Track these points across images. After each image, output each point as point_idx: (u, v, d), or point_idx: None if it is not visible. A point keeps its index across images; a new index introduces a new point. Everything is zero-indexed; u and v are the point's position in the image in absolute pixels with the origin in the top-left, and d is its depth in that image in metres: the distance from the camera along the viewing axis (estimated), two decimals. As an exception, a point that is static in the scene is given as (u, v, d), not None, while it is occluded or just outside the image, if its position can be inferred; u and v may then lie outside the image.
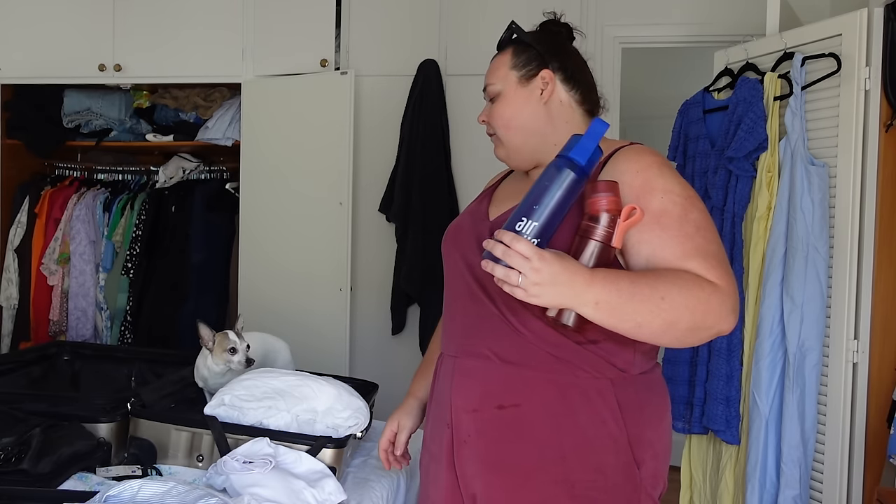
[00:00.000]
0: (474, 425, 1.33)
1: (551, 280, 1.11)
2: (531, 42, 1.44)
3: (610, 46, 3.22)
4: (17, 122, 3.73)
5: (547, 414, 1.28)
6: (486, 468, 1.33)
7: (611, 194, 1.18)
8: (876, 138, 2.19)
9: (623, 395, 1.29)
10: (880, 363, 2.22)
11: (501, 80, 1.43)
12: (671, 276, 1.19)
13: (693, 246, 1.22)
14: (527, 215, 1.15)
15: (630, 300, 1.15)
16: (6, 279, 3.76)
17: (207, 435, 1.63)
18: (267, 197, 3.42)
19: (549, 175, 1.17)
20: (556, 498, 1.28)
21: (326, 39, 3.35)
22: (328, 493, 1.50)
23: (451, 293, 1.44)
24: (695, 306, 1.17)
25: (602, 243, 1.18)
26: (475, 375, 1.34)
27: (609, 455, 1.28)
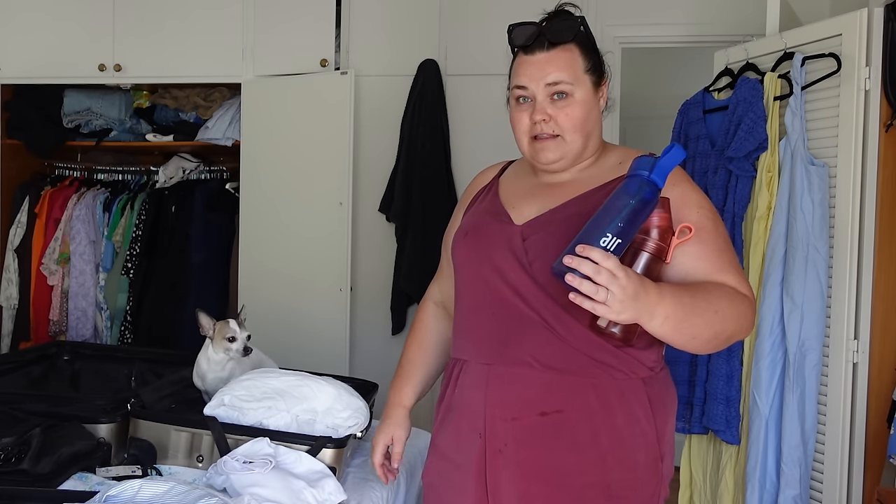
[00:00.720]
0: (513, 433, 1.32)
1: (634, 297, 1.11)
2: (596, 46, 1.41)
3: (610, 46, 3.21)
4: (17, 122, 3.73)
5: (588, 417, 1.29)
6: (523, 477, 1.32)
7: (663, 210, 1.21)
8: (876, 138, 2.19)
9: (652, 392, 1.33)
10: (880, 363, 2.22)
11: (577, 81, 1.36)
12: (720, 290, 1.24)
13: (728, 260, 1.29)
14: (609, 231, 1.14)
15: (692, 314, 1.19)
16: (6, 279, 3.76)
17: (207, 435, 1.63)
18: (267, 197, 3.41)
19: (627, 192, 1.18)
20: (594, 500, 1.30)
21: (326, 39, 3.35)
22: (328, 493, 1.50)
23: (474, 299, 1.40)
24: (737, 319, 1.24)
25: (653, 256, 1.20)
26: (515, 383, 1.32)
27: (641, 452, 1.31)
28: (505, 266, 1.34)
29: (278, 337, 3.19)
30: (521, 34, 1.38)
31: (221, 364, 1.88)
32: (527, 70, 1.37)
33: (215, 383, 1.88)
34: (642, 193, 1.17)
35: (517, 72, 1.39)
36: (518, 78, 1.38)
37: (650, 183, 1.19)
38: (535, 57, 1.36)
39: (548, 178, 1.42)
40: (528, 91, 1.37)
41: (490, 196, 1.48)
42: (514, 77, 1.39)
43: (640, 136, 4.07)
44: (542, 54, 1.36)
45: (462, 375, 1.40)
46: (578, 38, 1.37)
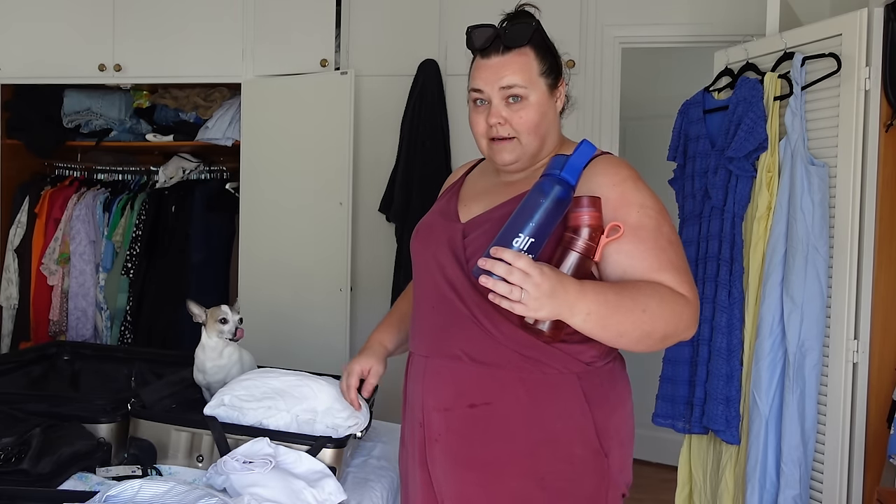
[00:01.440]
0: (445, 423, 1.37)
1: (550, 293, 1.14)
2: (553, 48, 1.43)
3: (610, 46, 3.22)
4: (17, 122, 3.73)
5: (517, 411, 1.33)
6: (457, 465, 1.37)
7: (594, 210, 1.24)
8: (876, 138, 2.19)
9: (588, 386, 1.34)
10: (880, 363, 2.22)
11: (531, 84, 1.38)
12: (651, 289, 1.25)
13: (666, 259, 1.29)
14: (521, 231, 1.19)
15: (616, 311, 1.21)
16: (6, 279, 3.76)
17: (207, 435, 1.63)
18: (267, 197, 3.42)
19: (539, 192, 1.22)
20: (527, 490, 1.33)
21: (326, 39, 3.35)
22: (328, 493, 1.50)
23: (421, 293, 1.46)
24: (669, 319, 1.24)
25: (582, 255, 1.23)
26: (447, 375, 1.38)
27: (577, 446, 1.33)
28: (445, 262, 1.39)
29: (278, 337, 3.19)
30: (479, 37, 1.41)
31: (218, 350, 1.89)
32: (482, 73, 1.40)
33: (215, 372, 1.88)
34: (554, 192, 1.21)
35: (474, 75, 1.42)
36: (474, 81, 1.41)
37: (561, 181, 1.23)
38: (490, 60, 1.39)
39: (506, 177, 1.46)
40: (483, 94, 1.40)
41: (450, 194, 1.54)
42: (471, 80, 1.42)
43: (640, 136, 4.07)
44: (498, 58, 1.39)
45: (410, 367, 1.48)
46: (533, 42, 1.39)
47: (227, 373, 1.89)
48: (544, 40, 1.42)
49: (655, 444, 3.97)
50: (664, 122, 2.94)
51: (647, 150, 3.97)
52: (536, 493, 1.33)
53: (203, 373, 1.90)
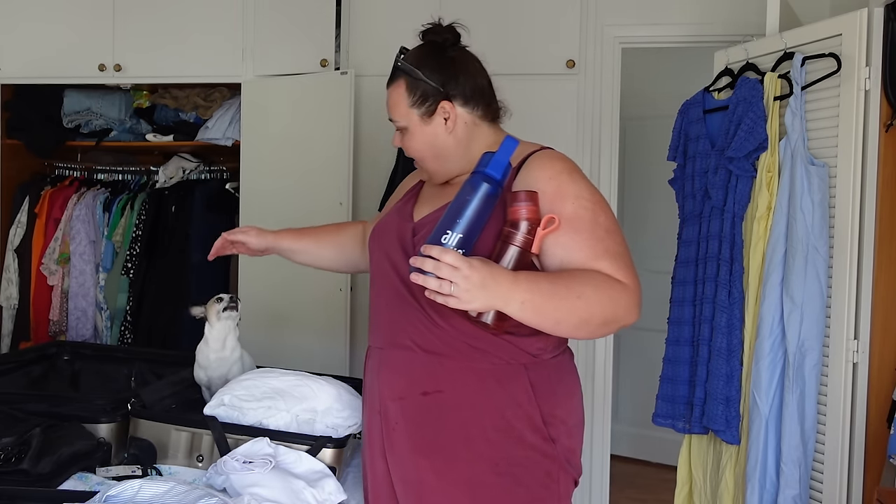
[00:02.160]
0: (401, 412, 1.44)
1: (481, 285, 1.20)
2: (423, 77, 1.48)
3: (610, 46, 3.21)
4: (17, 122, 3.73)
5: (467, 398, 1.39)
6: (414, 452, 1.42)
7: (531, 203, 1.28)
8: (876, 138, 2.19)
9: (535, 377, 1.41)
10: (880, 363, 2.22)
11: (404, 117, 1.49)
12: (585, 276, 1.30)
13: (603, 248, 1.33)
14: (450, 228, 1.26)
15: (551, 299, 1.26)
16: (6, 279, 3.76)
17: (207, 435, 1.64)
18: (267, 197, 3.41)
19: (466, 190, 1.28)
20: (482, 475, 1.39)
21: (326, 39, 3.35)
22: (328, 492, 1.50)
23: (376, 289, 1.54)
24: (606, 304, 1.29)
25: (521, 248, 1.28)
26: (400, 366, 1.45)
27: (526, 433, 1.39)
28: (397, 259, 1.47)
29: (278, 337, 3.19)
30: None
31: (220, 340, 1.89)
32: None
33: (218, 365, 1.88)
34: (480, 188, 1.27)
35: None
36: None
37: (486, 177, 1.28)
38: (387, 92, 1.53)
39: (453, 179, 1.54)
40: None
41: (409, 196, 1.61)
42: None
43: (640, 136, 4.07)
44: (387, 91, 1.53)
45: (368, 360, 1.56)
46: (402, 76, 1.49)
47: (230, 368, 1.89)
48: (418, 67, 1.48)
49: (656, 444, 3.98)
50: (664, 122, 2.94)
51: (647, 150, 3.98)
52: (490, 478, 1.39)
53: (205, 368, 1.90)
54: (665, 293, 2.66)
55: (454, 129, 1.48)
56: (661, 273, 2.98)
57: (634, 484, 3.79)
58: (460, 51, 1.55)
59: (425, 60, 1.50)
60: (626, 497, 3.63)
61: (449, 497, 1.41)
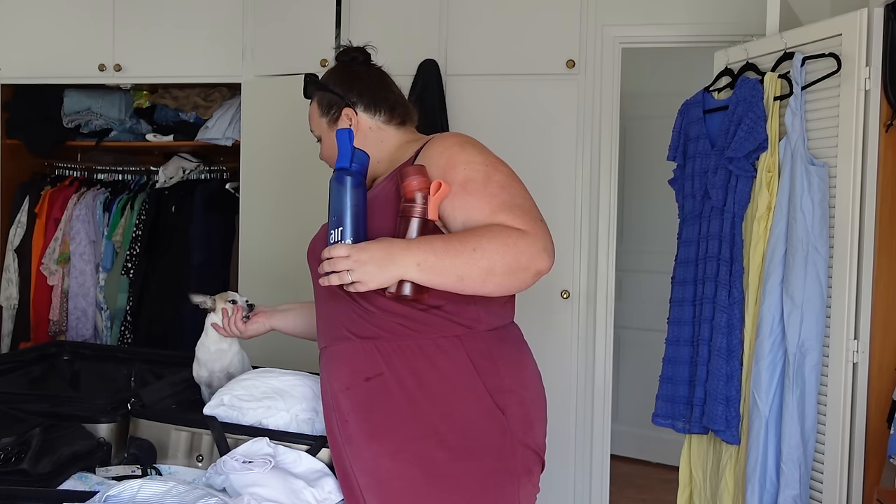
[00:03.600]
0: (350, 401, 1.47)
1: (373, 260, 1.30)
2: (327, 87, 1.65)
3: (610, 46, 3.21)
4: (17, 122, 3.73)
5: (406, 377, 1.43)
6: (368, 438, 1.45)
7: (419, 176, 1.37)
8: (876, 138, 2.19)
9: (472, 348, 1.44)
10: (880, 363, 2.22)
11: (317, 126, 1.68)
12: (480, 230, 1.36)
13: (499, 202, 1.39)
14: (333, 227, 1.36)
15: (445, 255, 1.32)
16: (6, 279, 3.76)
17: (207, 435, 1.63)
18: (267, 197, 3.41)
19: (332, 189, 1.39)
20: (432, 450, 1.41)
21: (326, 39, 3.35)
22: (328, 492, 1.50)
23: (316, 294, 1.61)
24: (504, 251, 1.33)
25: (421, 219, 1.36)
26: (342, 357, 1.49)
27: (470, 404, 1.42)
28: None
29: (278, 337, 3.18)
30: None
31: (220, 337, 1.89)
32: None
33: (218, 356, 1.88)
34: (343, 181, 1.37)
35: None
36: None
37: (340, 170, 1.39)
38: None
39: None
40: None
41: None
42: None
43: (640, 136, 4.07)
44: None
45: (319, 364, 1.59)
46: (314, 91, 1.67)
47: (230, 361, 1.89)
48: (325, 83, 1.66)
49: (656, 444, 3.98)
50: (664, 122, 2.94)
51: (647, 150, 3.98)
52: (439, 453, 1.41)
53: (205, 363, 1.89)
54: (665, 293, 2.66)
55: (358, 133, 1.60)
56: (661, 273, 2.98)
57: (634, 484, 3.79)
58: (366, 66, 1.69)
59: (331, 76, 1.67)
60: (626, 497, 3.63)
61: (405, 477, 1.43)
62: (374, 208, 1.44)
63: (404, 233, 1.36)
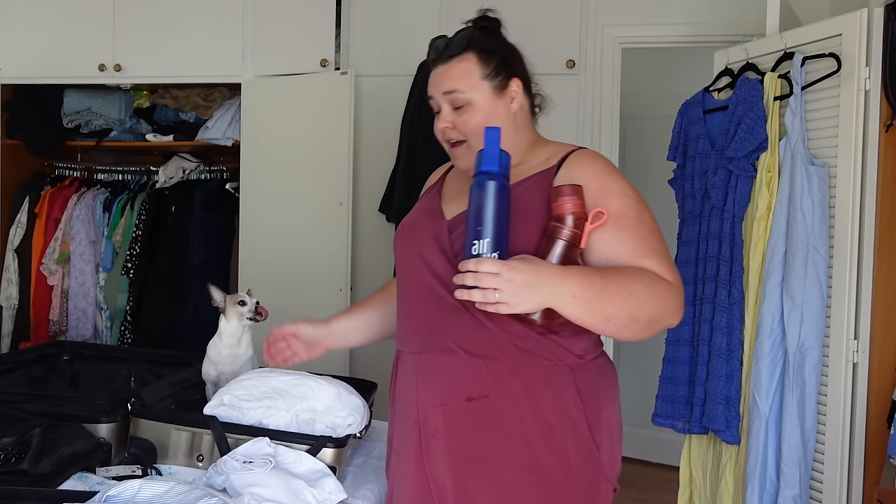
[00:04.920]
0: (443, 419, 1.37)
1: (526, 284, 1.17)
2: (499, 49, 1.45)
3: (610, 46, 3.21)
4: (17, 122, 3.73)
5: (513, 403, 1.33)
6: (456, 460, 1.36)
7: (576, 198, 1.26)
8: (876, 138, 2.19)
9: (580, 380, 1.35)
10: (880, 363, 2.22)
11: (472, 88, 1.42)
12: (634, 272, 1.27)
13: (648, 246, 1.32)
14: (476, 237, 1.22)
15: (602, 294, 1.22)
16: (6, 279, 3.76)
17: (208, 435, 1.63)
18: (267, 197, 3.41)
19: (476, 194, 1.25)
20: (525, 485, 1.33)
21: (326, 39, 3.35)
22: (328, 492, 1.50)
23: (408, 290, 1.47)
24: (654, 301, 1.26)
25: (568, 242, 1.25)
26: (442, 370, 1.37)
27: (571, 439, 1.34)
28: (432, 258, 1.40)
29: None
30: (430, 50, 1.48)
31: (236, 337, 1.90)
32: (431, 80, 1.47)
33: (230, 361, 1.88)
34: (488, 187, 1.23)
35: (429, 82, 1.49)
36: (428, 89, 1.49)
37: (487, 174, 1.24)
38: (437, 69, 1.46)
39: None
40: (434, 101, 1.47)
41: (432, 193, 1.56)
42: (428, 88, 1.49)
43: (640, 136, 4.07)
44: (443, 66, 1.45)
45: (399, 366, 1.47)
46: (473, 47, 1.43)
47: (241, 366, 1.89)
48: (489, 43, 1.44)
49: (656, 444, 3.97)
50: (664, 122, 2.94)
51: (647, 150, 3.98)
52: (534, 488, 1.33)
53: (216, 363, 1.89)
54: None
55: (515, 112, 1.45)
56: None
57: (634, 484, 3.78)
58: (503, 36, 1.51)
59: (492, 38, 1.46)
60: (626, 497, 3.62)
61: None
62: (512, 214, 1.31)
63: (546, 253, 1.25)
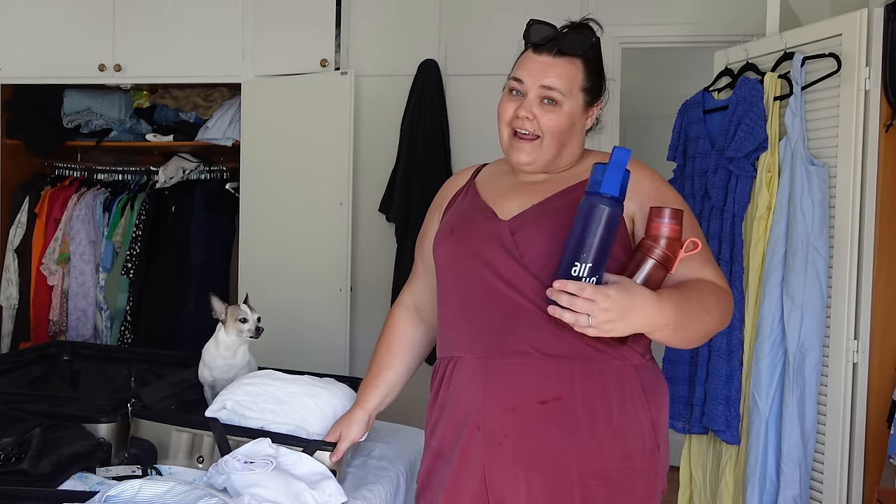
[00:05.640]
0: (513, 423, 1.33)
1: (621, 315, 1.17)
2: (602, 68, 1.46)
3: (610, 46, 3.21)
4: (17, 122, 3.73)
5: (585, 404, 1.31)
6: (525, 467, 1.33)
7: (675, 222, 1.27)
8: (876, 138, 2.19)
9: (644, 379, 1.36)
10: (880, 363, 2.22)
11: (569, 94, 1.40)
12: (708, 290, 1.31)
13: (705, 256, 1.35)
14: (577, 258, 1.21)
15: (690, 318, 1.26)
16: (6, 279, 3.76)
17: (208, 436, 1.63)
18: (267, 197, 3.41)
19: (586, 213, 1.22)
20: (594, 489, 1.32)
21: (326, 39, 3.35)
22: (328, 494, 1.50)
23: (464, 295, 1.41)
24: (723, 315, 1.32)
25: (658, 263, 1.26)
26: (513, 373, 1.34)
27: (637, 440, 1.34)
28: (495, 260, 1.37)
29: (278, 337, 3.18)
30: (538, 32, 1.42)
31: (232, 349, 1.88)
32: (529, 66, 1.41)
33: (225, 370, 1.88)
34: (602, 214, 1.21)
35: (521, 65, 1.43)
36: (519, 71, 1.42)
37: (608, 199, 1.22)
38: (540, 57, 1.41)
39: (525, 177, 1.47)
40: (523, 86, 1.41)
41: (470, 196, 1.51)
42: (516, 69, 1.43)
43: (641, 136, 4.06)
44: (548, 58, 1.40)
45: (456, 372, 1.40)
46: (586, 56, 1.42)
47: (237, 373, 1.89)
48: (598, 59, 1.45)
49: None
50: (664, 122, 2.94)
51: (647, 150, 3.96)
52: (600, 491, 1.32)
53: (210, 369, 1.89)
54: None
55: (584, 128, 1.46)
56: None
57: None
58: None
59: (599, 54, 1.47)
60: (626, 497, 3.62)
61: None
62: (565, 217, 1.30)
63: (635, 269, 1.26)
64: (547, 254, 1.32)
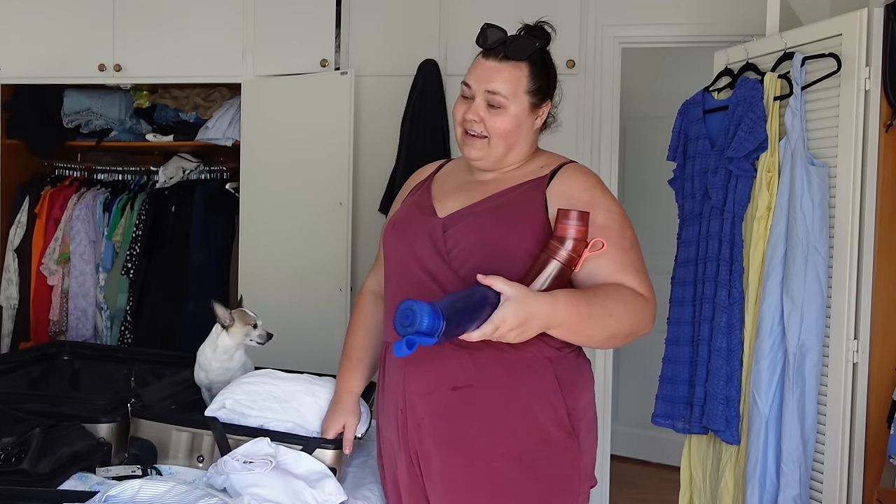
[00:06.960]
0: (428, 407, 1.45)
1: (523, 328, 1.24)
2: (548, 71, 1.52)
3: (610, 46, 3.21)
4: (17, 122, 3.73)
5: (497, 392, 1.42)
6: (441, 446, 1.44)
7: (581, 224, 1.33)
8: (876, 138, 2.19)
9: (559, 370, 1.44)
10: (880, 363, 2.22)
11: (514, 97, 1.47)
12: (615, 292, 1.36)
13: (629, 261, 1.41)
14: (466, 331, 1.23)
15: (587, 320, 1.32)
16: (6, 279, 3.76)
17: (208, 436, 1.64)
18: (267, 197, 3.41)
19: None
20: (507, 470, 1.42)
21: (326, 39, 3.35)
22: (328, 493, 1.50)
23: (398, 285, 1.52)
24: (631, 319, 1.36)
25: (563, 264, 1.33)
26: (428, 361, 1.43)
27: (551, 425, 1.43)
28: (424, 255, 1.47)
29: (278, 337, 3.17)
30: (488, 37, 1.50)
31: (230, 353, 1.87)
32: (477, 71, 1.50)
33: (220, 373, 1.87)
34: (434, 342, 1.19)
35: (471, 69, 1.52)
36: (468, 75, 1.51)
37: (426, 335, 1.18)
38: (487, 62, 1.49)
39: (478, 175, 1.56)
40: (470, 90, 1.49)
41: (421, 191, 1.60)
42: (467, 73, 1.52)
43: (640, 136, 4.07)
44: (494, 62, 1.48)
45: (387, 357, 1.54)
46: (531, 59, 1.48)
47: (233, 375, 1.89)
48: (543, 61, 1.51)
49: (656, 444, 3.97)
50: (664, 122, 2.94)
51: (647, 150, 3.98)
52: (515, 473, 1.41)
53: (206, 371, 1.89)
54: (665, 293, 2.65)
55: (534, 127, 1.53)
56: (661, 273, 2.97)
57: (634, 484, 3.79)
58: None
59: (547, 57, 1.53)
60: (626, 497, 3.62)
61: (473, 492, 1.44)
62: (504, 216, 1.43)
63: (541, 268, 1.33)
64: (470, 251, 1.42)
